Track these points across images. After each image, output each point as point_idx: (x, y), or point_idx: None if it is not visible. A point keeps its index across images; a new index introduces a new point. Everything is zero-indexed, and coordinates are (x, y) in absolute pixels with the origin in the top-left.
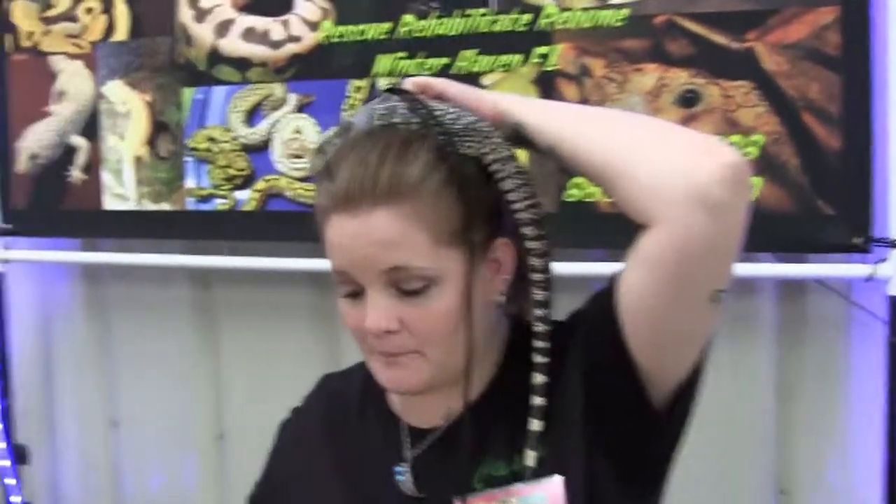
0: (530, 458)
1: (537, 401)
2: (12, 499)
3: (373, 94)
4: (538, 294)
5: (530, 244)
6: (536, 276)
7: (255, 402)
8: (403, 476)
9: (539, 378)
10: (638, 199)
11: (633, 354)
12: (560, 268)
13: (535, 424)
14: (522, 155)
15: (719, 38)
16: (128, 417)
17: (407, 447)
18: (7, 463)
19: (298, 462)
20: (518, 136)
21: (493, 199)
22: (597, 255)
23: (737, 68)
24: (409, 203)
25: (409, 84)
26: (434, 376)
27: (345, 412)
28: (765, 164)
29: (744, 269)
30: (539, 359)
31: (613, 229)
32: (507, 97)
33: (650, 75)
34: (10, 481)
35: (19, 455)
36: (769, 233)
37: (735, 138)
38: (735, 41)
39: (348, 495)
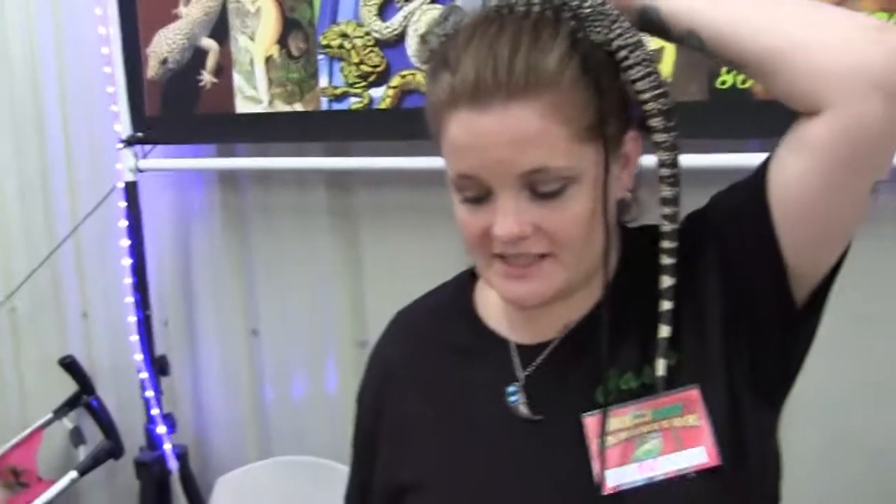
0: (661, 366)
1: (666, 305)
2: (153, 411)
3: None
4: (667, 191)
5: (658, 137)
6: (665, 172)
7: (397, 305)
8: (517, 397)
9: (668, 281)
10: (808, 83)
11: (783, 248)
12: (715, 160)
13: (665, 331)
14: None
15: None
16: (268, 325)
17: (517, 367)
18: (146, 375)
19: (395, 404)
20: (647, 21)
21: (622, 89)
22: (752, 146)
23: None
24: (548, 96)
25: None
26: (565, 282)
27: (435, 342)
28: None
29: None
30: (667, 260)
31: (771, 117)
32: None
33: None
34: (150, 393)
35: (159, 366)
36: None
37: None
38: None
39: (457, 426)
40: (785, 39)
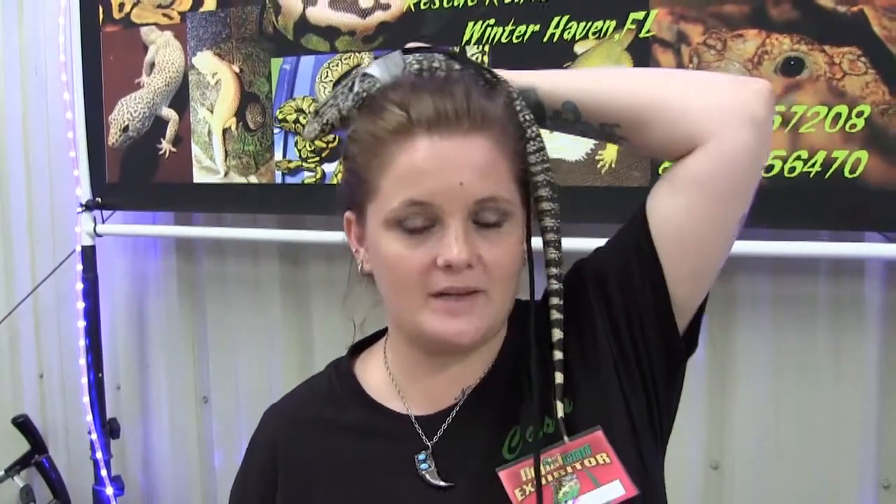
0: (559, 408)
1: (558, 355)
2: (102, 472)
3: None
4: (553, 253)
5: (546, 205)
6: (551, 237)
7: None
8: (427, 464)
9: (557, 334)
10: (688, 122)
11: (667, 279)
12: None
13: (559, 377)
14: None
15: (825, 1)
16: (218, 393)
17: (423, 436)
18: (96, 436)
19: (289, 491)
20: (525, 101)
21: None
22: None
23: (844, 33)
24: (499, 134)
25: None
26: (491, 323)
27: (325, 424)
28: (872, 137)
29: (851, 248)
30: (556, 315)
31: None
32: (507, 71)
33: (751, 42)
34: (99, 455)
35: (109, 429)
36: (877, 210)
37: (840, 108)
38: (843, 4)
39: (370, 501)
40: (665, 91)
